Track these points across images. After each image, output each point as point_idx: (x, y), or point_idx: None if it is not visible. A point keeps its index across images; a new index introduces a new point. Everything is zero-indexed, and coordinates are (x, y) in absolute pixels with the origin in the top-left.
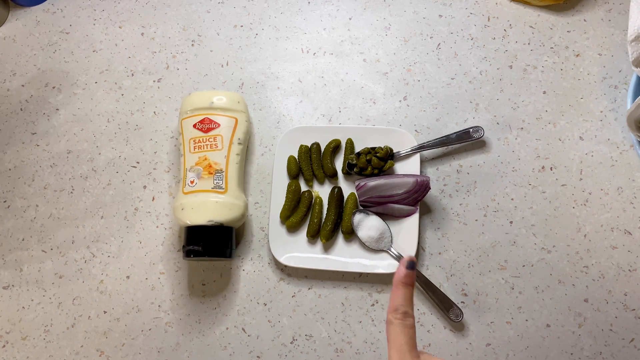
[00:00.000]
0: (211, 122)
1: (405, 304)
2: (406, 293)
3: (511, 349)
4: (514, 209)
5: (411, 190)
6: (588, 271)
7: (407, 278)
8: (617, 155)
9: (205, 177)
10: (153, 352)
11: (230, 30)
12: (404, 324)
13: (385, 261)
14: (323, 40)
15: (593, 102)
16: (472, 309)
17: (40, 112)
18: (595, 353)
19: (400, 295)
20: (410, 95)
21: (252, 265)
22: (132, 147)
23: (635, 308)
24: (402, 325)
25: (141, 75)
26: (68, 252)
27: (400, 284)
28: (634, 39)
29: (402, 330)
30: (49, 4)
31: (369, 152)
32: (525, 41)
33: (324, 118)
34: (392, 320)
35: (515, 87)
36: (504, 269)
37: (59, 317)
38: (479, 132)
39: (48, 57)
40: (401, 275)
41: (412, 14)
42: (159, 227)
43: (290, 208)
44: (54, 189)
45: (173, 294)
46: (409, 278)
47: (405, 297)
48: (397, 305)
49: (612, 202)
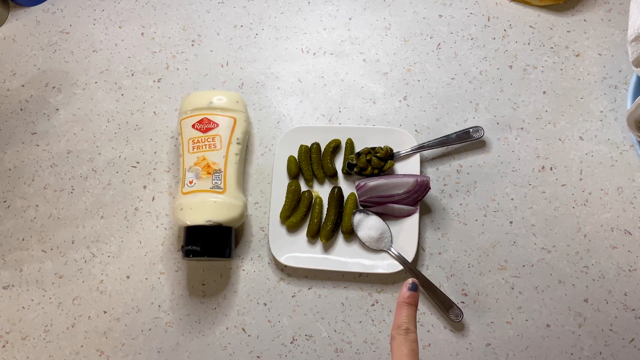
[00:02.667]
0: (210, 122)
1: (408, 322)
2: (409, 312)
3: (511, 349)
4: (514, 209)
5: (411, 191)
6: (588, 271)
7: (410, 299)
8: (617, 155)
9: (204, 177)
10: (153, 352)
11: (230, 30)
12: (406, 339)
13: (386, 261)
14: (323, 40)
15: (593, 102)
16: (472, 309)
17: (40, 112)
18: (595, 353)
19: (403, 314)
20: (410, 95)
21: (252, 265)
22: (132, 147)
23: (635, 308)
24: (405, 339)
25: (141, 75)
26: (68, 252)
27: (403, 305)
28: (634, 39)
29: (404, 344)
30: (49, 4)
31: (369, 152)
32: (525, 41)
33: (324, 118)
34: (395, 336)
35: (515, 87)
36: (504, 269)
37: (59, 317)
38: (479, 132)
39: (48, 57)
40: (405, 297)
41: (412, 14)
42: (159, 227)
43: (290, 208)
44: (54, 189)
45: (173, 294)
46: (413, 299)
47: (409, 316)
48: (400, 322)
49: (612, 202)
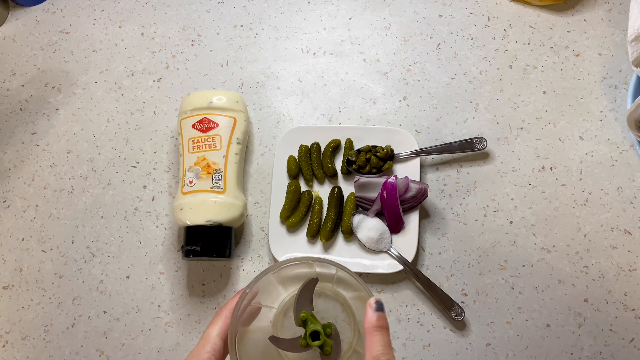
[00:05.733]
0: (210, 122)
1: (385, 351)
2: (383, 339)
3: (511, 349)
4: (514, 209)
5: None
6: (588, 271)
7: (380, 321)
8: (617, 155)
9: (204, 177)
10: (153, 352)
11: (230, 30)
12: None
13: (386, 261)
14: (323, 40)
15: (593, 102)
16: (472, 308)
17: (40, 112)
18: (595, 353)
19: (377, 342)
20: (410, 95)
21: (252, 265)
22: (132, 147)
23: (635, 308)
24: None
25: (141, 75)
26: (68, 252)
27: (374, 330)
28: (634, 39)
29: None
30: (49, 4)
31: (370, 150)
32: (525, 41)
33: (324, 118)
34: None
35: (515, 87)
36: (504, 269)
37: (59, 317)
38: (482, 144)
39: (48, 57)
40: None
41: (412, 14)
42: (159, 227)
43: (290, 208)
44: (54, 189)
45: (173, 294)
46: (382, 320)
47: (384, 344)
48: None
49: (612, 202)
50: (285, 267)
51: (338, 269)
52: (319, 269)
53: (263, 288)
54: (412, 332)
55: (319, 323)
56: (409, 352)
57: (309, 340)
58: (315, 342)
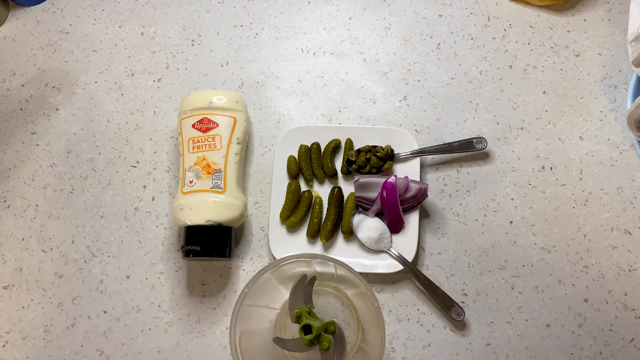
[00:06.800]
0: (210, 121)
1: None
2: None
3: (511, 349)
4: (514, 209)
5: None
6: (588, 271)
7: None
8: (617, 155)
9: (204, 177)
10: (153, 352)
11: (230, 30)
12: None
13: (386, 261)
14: (323, 40)
15: (593, 102)
16: (472, 308)
17: (40, 112)
18: (595, 353)
19: None
20: (410, 95)
21: (252, 265)
22: (132, 146)
23: (635, 308)
24: None
25: (141, 75)
26: (68, 252)
27: None
28: (634, 39)
29: None
30: (49, 3)
31: (370, 150)
32: (525, 41)
33: (324, 118)
34: None
35: (515, 87)
36: (504, 269)
37: (59, 317)
38: (482, 144)
39: (48, 57)
40: None
41: (412, 14)
42: (159, 226)
43: (290, 208)
44: (54, 188)
45: (173, 294)
46: None
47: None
48: None
49: (612, 202)
50: (283, 264)
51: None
52: (319, 268)
53: (263, 288)
54: (412, 332)
55: (318, 320)
56: (409, 352)
57: (301, 335)
58: (307, 336)
